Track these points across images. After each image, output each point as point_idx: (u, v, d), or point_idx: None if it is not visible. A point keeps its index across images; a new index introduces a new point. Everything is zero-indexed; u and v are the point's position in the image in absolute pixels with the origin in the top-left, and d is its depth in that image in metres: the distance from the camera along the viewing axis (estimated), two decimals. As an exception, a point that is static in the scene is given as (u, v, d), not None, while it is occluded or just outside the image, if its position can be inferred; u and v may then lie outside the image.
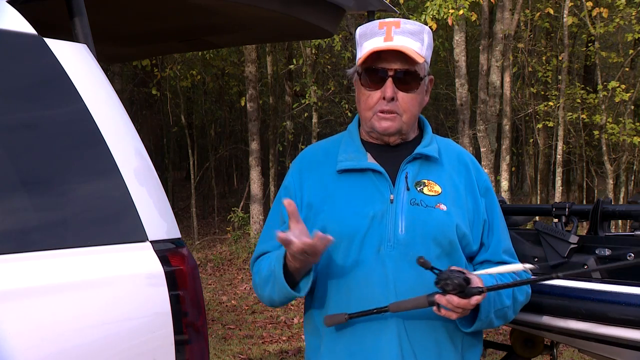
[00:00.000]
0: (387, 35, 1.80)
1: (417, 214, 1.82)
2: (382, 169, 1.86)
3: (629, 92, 11.56)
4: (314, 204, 1.88)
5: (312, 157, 1.98)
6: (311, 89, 11.84)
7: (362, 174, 1.87)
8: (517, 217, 2.63)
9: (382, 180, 1.85)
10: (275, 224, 1.96)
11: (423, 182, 1.87)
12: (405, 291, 1.79)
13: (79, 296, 1.60)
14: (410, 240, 1.81)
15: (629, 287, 2.02)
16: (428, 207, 1.83)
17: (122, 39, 3.17)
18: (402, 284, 1.80)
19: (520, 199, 17.35)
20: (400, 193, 1.84)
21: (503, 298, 1.84)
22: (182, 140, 18.22)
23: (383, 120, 1.84)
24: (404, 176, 1.86)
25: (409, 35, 1.81)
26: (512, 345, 2.61)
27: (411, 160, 1.88)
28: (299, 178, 1.94)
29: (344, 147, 1.92)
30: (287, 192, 1.94)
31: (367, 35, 1.84)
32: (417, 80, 1.83)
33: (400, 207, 1.83)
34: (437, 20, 8.81)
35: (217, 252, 11.39)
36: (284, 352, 5.90)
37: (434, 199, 1.85)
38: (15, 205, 1.61)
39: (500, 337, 5.94)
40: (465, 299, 1.68)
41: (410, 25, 1.83)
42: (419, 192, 1.85)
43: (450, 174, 1.90)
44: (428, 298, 1.74)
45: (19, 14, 1.73)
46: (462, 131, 11.03)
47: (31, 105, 1.69)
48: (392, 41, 1.80)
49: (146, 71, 12.84)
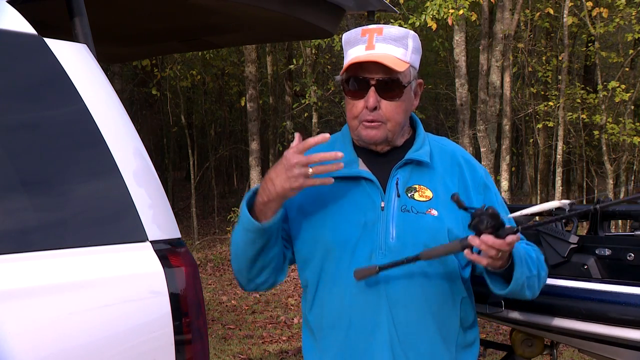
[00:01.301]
0: (369, 43, 1.79)
1: (408, 221, 1.82)
2: (373, 177, 1.85)
3: (629, 92, 11.56)
4: (304, 207, 1.87)
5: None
6: (311, 89, 11.83)
7: (354, 180, 1.86)
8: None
9: (373, 187, 1.85)
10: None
11: (414, 187, 1.85)
12: (398, 298, 1.80)
13: (79, 296, 1.60)
14: (401, 247, 1.80)
15: (629, 287, 2.02)
16: (419, 213, 1.82)
17: (122, 39, 3.17)
18: (393, 290, 1.80)
19: (520, 199, 17.35)
20: (391, 200, 1.83)
21: (530, 265, 1.82)
22: (182, 140, 18.22)
23: (369, 129, 1.82)
24: (395, 182, 1.85)
25: (391, 41, 1.80)
26: (512, 345, 2.61)
27: (402, 166, 1.87)
28: None
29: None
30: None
31: (351, 42, 1.84)
32: (400, 88, 1.81)
33: (391, 214, 1.82)
34: (437, 20, 8.81)
35: (217, 252, 11.39)
36: (284, 352, 5.90)
37: (425, 204, 1.84)
38: (16, 205, 1.61)
39: (500, 337, 5.94)
40: (500, 240, 1.63)
41: (394, 30, 1.82)
42: (409, 198, 1.84)
43: (443, 177, 1.89)
44: (461, 242, 1.69)
45: (19, 14, 1.73)
46: (462, 131, 11.03)
47: (31, 106, 1.69)
48: (374, 49, 1.78)
49: (146, 71, 12.84)
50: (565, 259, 2.24)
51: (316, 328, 1.90)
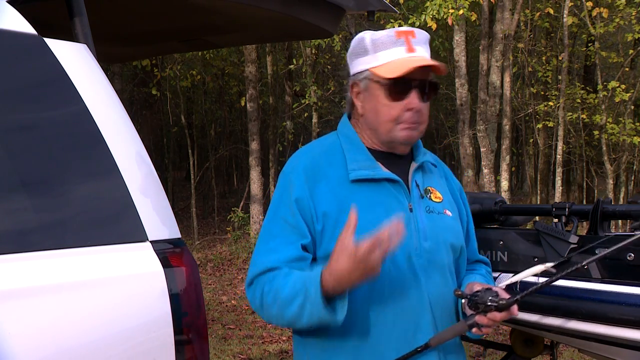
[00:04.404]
0: (409, 46, 1.80)
1: (435, 222, 1.85)
2: (399, 179, 1.84)
3: (629, 92, 11.56)
4: (330, 214, 1.78)
5: (314, 167, 1.84)
6: (311, 89, 11.84)
7: (377, 183, 1.83)
8: (517, 217, 2.63)
9: (398, 189, 1.84)
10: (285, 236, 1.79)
11: (429, 189, 1.89)
12: (437, 299, 1.81)
13: (79, 296, 1.60)
14: (434, 247, 1.82)
15: (629, 287, 2.02)
16: (440, 214, 1.87)
17: (122, 39, 3.17)
18: (433, 292, 1.81)
19: (520, 199, 17.35)
20: (416, 201, 1.85)
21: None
22: (182, 140, 18.23)
23: (409, 130, 1.82)
24: (415, 184, 1.87)
25: (423, 45, 1.83)
26: (512, 345, 2.61)
27: (417, 169, 1.90)
28: (308, 189, 1.80)
29: (352, 156, 1.85)
30: (300, 205, 1.79)
31: (385, 44, 1.81)
32: (436, 90, 1.85)
33: (419, 215, 1.84)
34: (437, 20, 8.82)
35: (217, 252, 11.39)
36: (284, 352, 5.90)
37: (440, 205, 1.88)
38: (16, 205, 1.61)
39: (500, 337, 5.94)
40: (504, 312, 1.70)
41: (422, 35, 1.85)
42: (428, 199, 1.87)
43: (441, 180, 1.96)
44: (467, 322, 1.74)
45: (19, 14, 1.73)
46: (462, 131, 11.03)
47: (31, 106, 1.69)
48: (415, 52, 1.80)
49: (146, 71, 12.84)
50: (565, 259, 2.23)
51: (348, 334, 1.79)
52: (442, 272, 1.83)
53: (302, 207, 1.79)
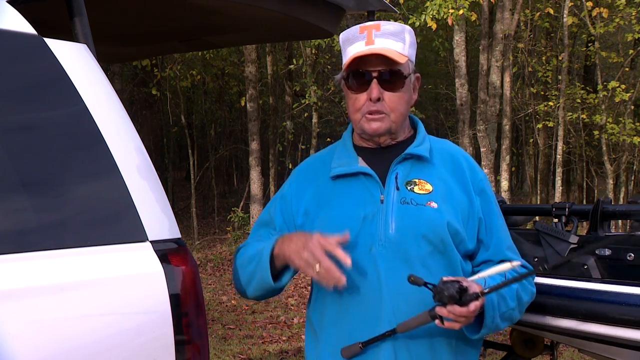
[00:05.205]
0: (369, 38, 1.84)
1: (407, 213, 1.84)
2: (371, 172, 1.89)
3: (629, 92, 11.57)
4: (310, 211, 1.93)
5: (309, 168, 2.03)
6: (311, 89, 11.84)
7: (354, 177, 1.91)
8: (517, 217, 2.63)
9: (372, 182, 1.89)
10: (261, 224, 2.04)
11: (414, 181, 1.88)
12: (396, 289, 1.81)
13: (79, 296, 1.59)
14: (400, 238, 1.82)
15: (629, 287, 2.02)
16: (418, 205, 1.85)
17: (122, 39, 3.17)
18: (393, 282, 1.81)
19: (520, 199, 17.35)
20: (390, 193, 1.86)
21: (507, 300, 1.84)
22: (182, 140, 18.23)
23: (372, 122, 1.87)
24: (394, 176, 1.88)
25: (389, 36, 1.84)
26: (512, 345, 2.61)
27: (401, 161, 1.90)
28: (296, 187, 1.99)
29: (338, 154, 1.97)
30: (283, 201, 2.00)
31: (350, 40, 1.88)
32: (401, 79, 1.86)
33: (390, 206, 1.85)
34: (437, 20, 8.82)
35: (217, 252, 11.39)
36: (284, 352, 5.90)
37: (425, 197, 1.86)
38: (16, 205, 1.61)
39: (500, 337, 5.94)
40: (465, 307, 1.69)
41: (391, 26, 1.86)
42: (409, 191, 1.87)
43: (442, 172, 1.92)
44: (430, 313, 1.74)
45: (19, 14, 1.73)
46: (462, 131, 11.03)
47: (31, 106, 1.69)
48: (374, 44, 1.83)
49: (146, 71, 12.84)
50: (565, 259, 2.23)
51: (317, 325, 1.93)
52: (409, 262, 1.81)
53: (285, 203, 1.99)
